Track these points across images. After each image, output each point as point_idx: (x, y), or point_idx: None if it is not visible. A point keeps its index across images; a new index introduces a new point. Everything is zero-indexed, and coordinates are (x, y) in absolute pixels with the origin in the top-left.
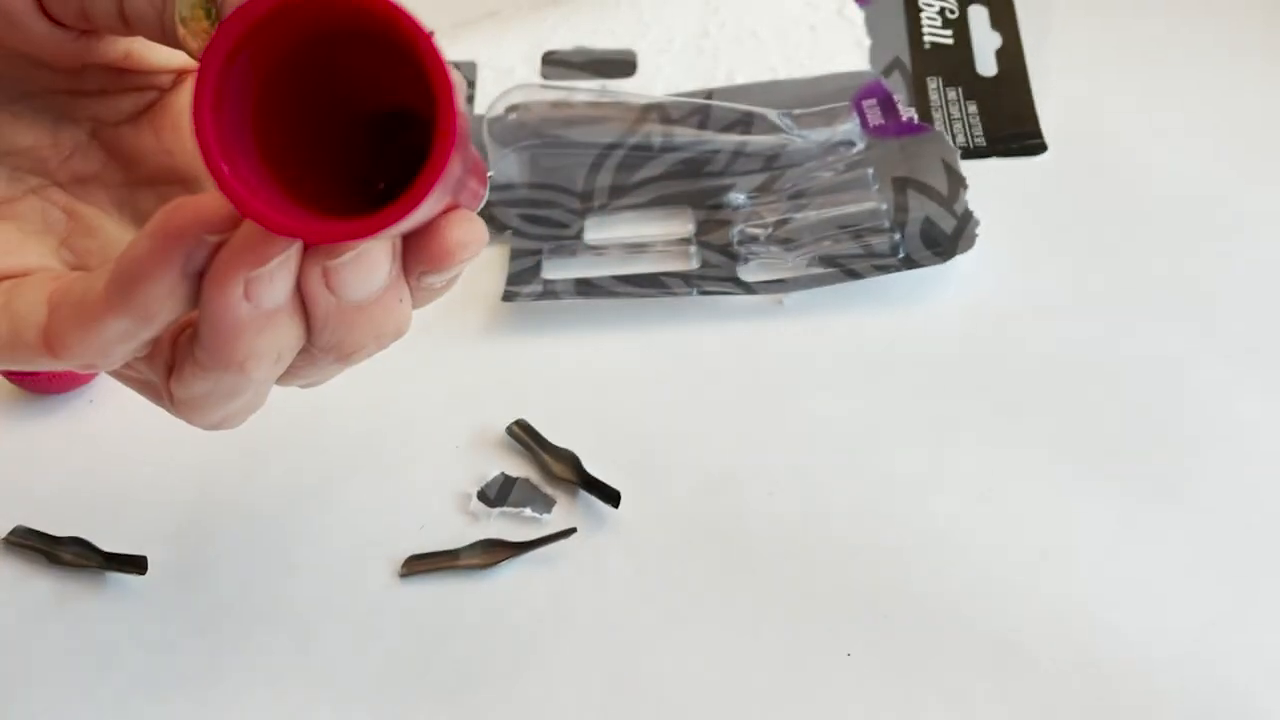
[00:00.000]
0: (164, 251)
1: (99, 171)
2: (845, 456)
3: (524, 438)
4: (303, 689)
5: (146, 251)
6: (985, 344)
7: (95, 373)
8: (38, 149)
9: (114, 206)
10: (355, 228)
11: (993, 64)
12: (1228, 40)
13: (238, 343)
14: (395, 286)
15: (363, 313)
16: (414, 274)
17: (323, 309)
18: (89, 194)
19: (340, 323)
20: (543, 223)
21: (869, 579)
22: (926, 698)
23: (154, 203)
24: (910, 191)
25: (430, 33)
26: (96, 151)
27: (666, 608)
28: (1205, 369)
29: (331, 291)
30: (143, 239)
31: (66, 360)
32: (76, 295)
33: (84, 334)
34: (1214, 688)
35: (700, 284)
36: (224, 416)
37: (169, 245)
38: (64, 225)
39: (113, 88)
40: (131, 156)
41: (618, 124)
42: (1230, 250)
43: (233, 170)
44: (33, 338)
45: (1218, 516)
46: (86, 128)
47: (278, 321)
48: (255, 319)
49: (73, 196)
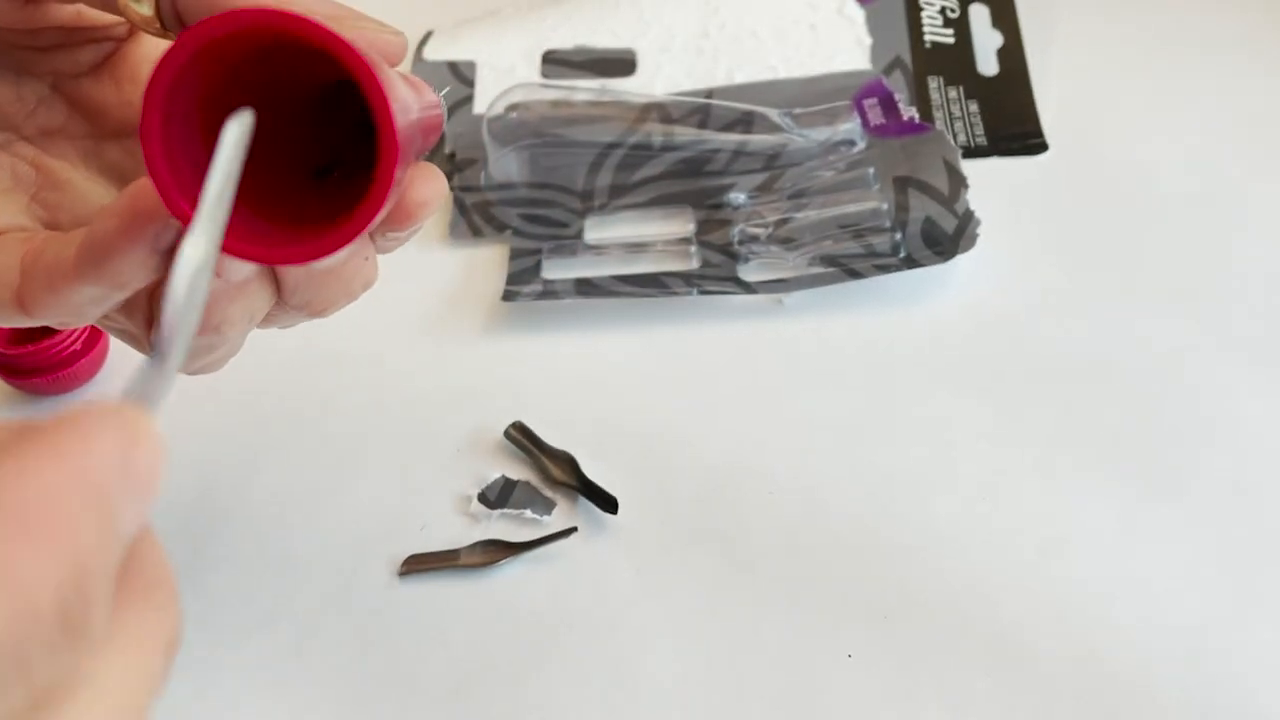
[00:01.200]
0: (133, 230)
1: (64, 124)
2: (845, 456)
3: (522, 440)
4: (303, 689)
5: (116, 229)
6: (986, 343)
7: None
8: (2, 104)
9: (81, 159)
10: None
11: (994, 63)
12: (1228, 39)
13: (211, 313)
14: (362, 248)
15: (331, 275)
16: (378, 234)
17: (292, 278)
18: (56, 147)
19: (310, 286)
20: (543, 222)
21: (869, 578)
22: (927, 697)
23: (120, 155)
24: (911, 191)
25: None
26: (60, 104)
27: (666, 608)
28: (1206, 367)
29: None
30: (112, 217)
31: (40, 319)
32: (49, 260)
33: (55, 297)
34: (1215, 684)
35: (700, 284)
36: (203, 365)
37: (138, 226)
38: (33, 179)
39: (69, 41)
40: (94, 109)
41: (618, 123)
42: (1231, 249)
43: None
44: (7, 298)
45: (1218, 514)
46: (48, 81)
47: (249, 290)
48: (226, 291)
49: (40, 150)
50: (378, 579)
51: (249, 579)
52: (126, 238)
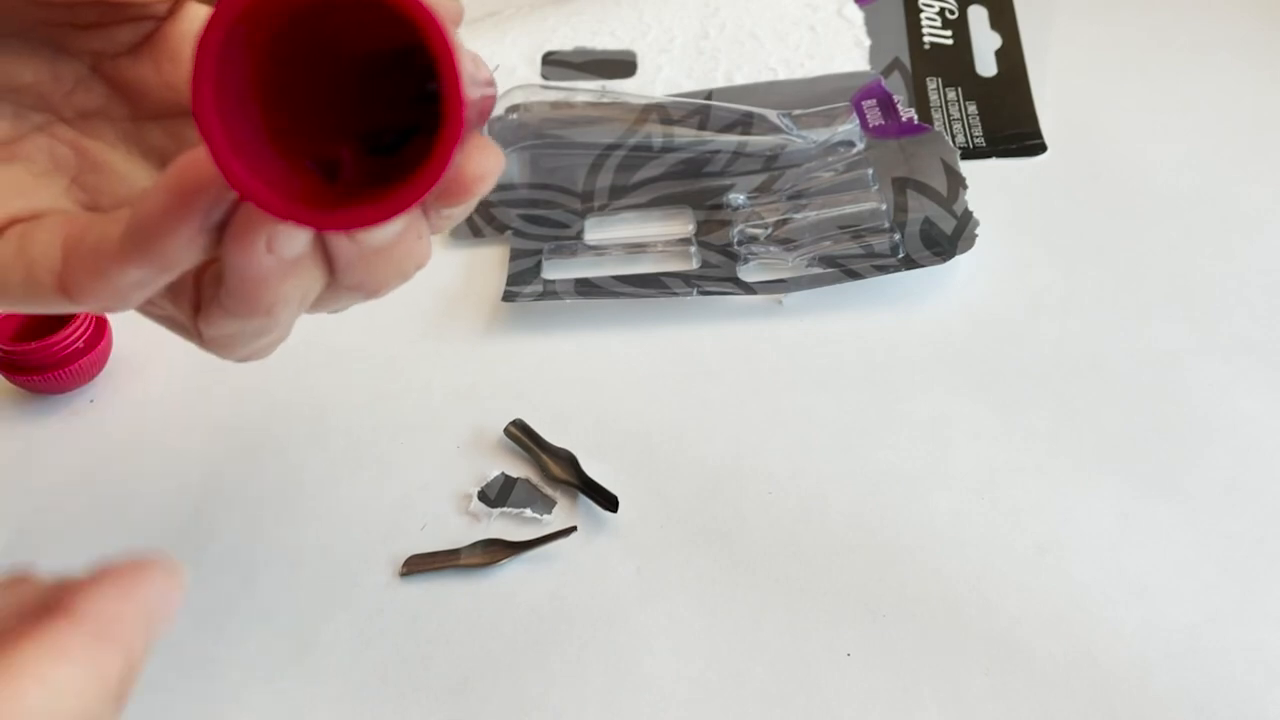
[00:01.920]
0: (182, 207)
1: (103, 106)
2: (845, 456)
3: (521, 438)
4: (303, 688)
5: (163, 206)
6: (984, 343)
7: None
8: (39, 84)
9: (121, 142)
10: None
11: (992, 64)
12: (1227, 40)
13: (263, 292)
14: (415, 225)
15: (384, 254)
16: (432, 210)
17: (345, 256)
18: (95, 129)
19: (363, 265)
20: (543, 223)
21: (868, 578)
22: (925, 695)
23: (161, 137)
24: (910, 191)
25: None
26: (99, 85)
27: (666, 608)
28: (1204, 367)
29: (353, 241)
30: (160, 193)
31: (83, 304)
32: (92, 241)
33: (99, 281)
34: (1212, 684)
35: (700, 284)
36: (252, 351)
37: (186, 202)
38: (73, 162)
39: (108, 19)
40: (134, 90)
41: (618, 124)
42: (1229, 249)
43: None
44: (49, 282)
45: (1216, 513)
46: (86, 61)
47: (301, 268)
48: (279, 268)
49: (79, 133)
50: (378, 579)
51: (249, 579)
52: (175, 215)
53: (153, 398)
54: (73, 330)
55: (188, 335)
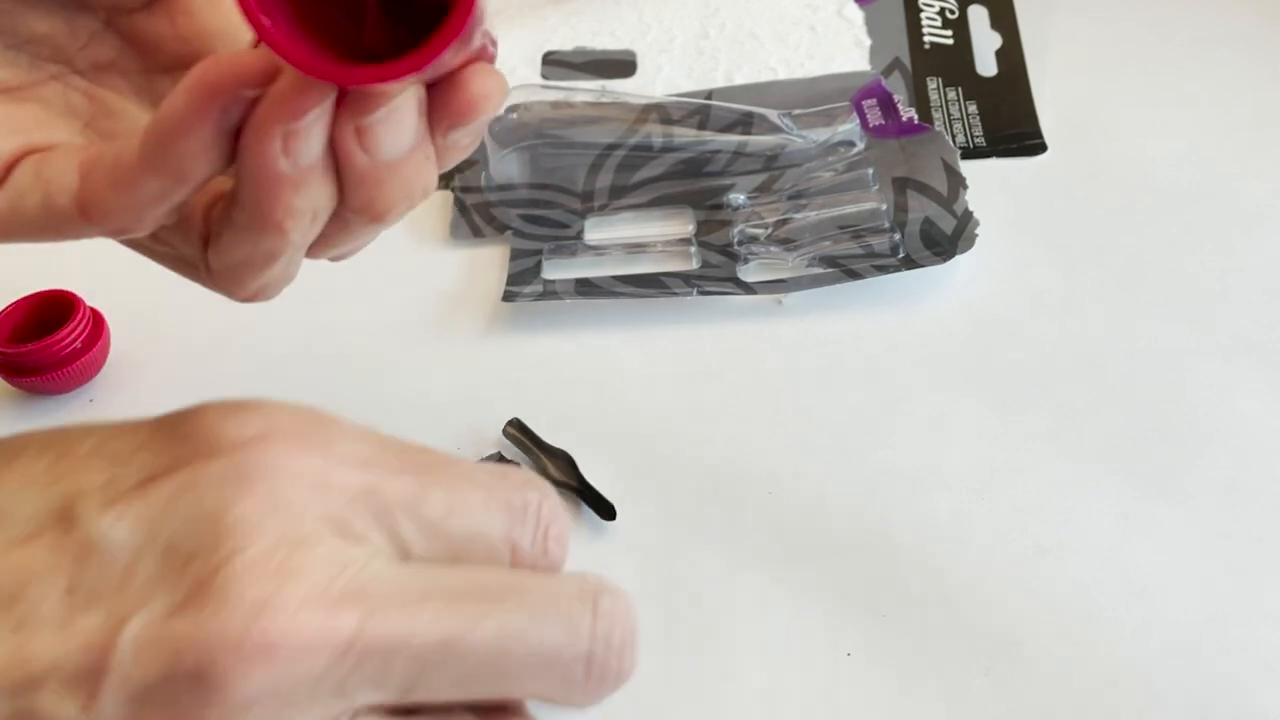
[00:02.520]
0: (200, 106)
1: (116, 59)
2: (845, 456)
3: (520, 438)
4: None
5: (182, 107)
6: (985, 343)
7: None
8: (54, 36)
9: (134, 93)
10: (391, 70)
11: (993, 64)
12: (1227, 39)
13: (277, 199)
14: (423, 144)
15: (393, 170)
16: (440, 130)
17: (356, 167)
18: (108, 81)
19: (373, 181)
20: (543, 223)
21: (868, 578)
22: (926, 695)
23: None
24: (910, 191)
25: None
26: (112, 39)
27: (666, 608)
28: (1205, 366)
29: (364, 149)
30: (178, 95)
31: (100, 224)
32: (109, 160)
33: (118, 195)
34: (1212, 684)
35: (700, 284)
36: (261, 285)
37: (206, 100)
38: (86, 109)
39: None
40: (147, 43)
41: (618, 124)
42: (1229, 248)
43: (273, 23)
44: (66, 203)
45: (1217, 513)
46: (101, 15)
47: (313, 178)
48: (293, 174)
49: (92, 83)
50: None
51: None
52: (195, 113)
53: (152, 397)
54: (70, 331)
55: (195, 274)
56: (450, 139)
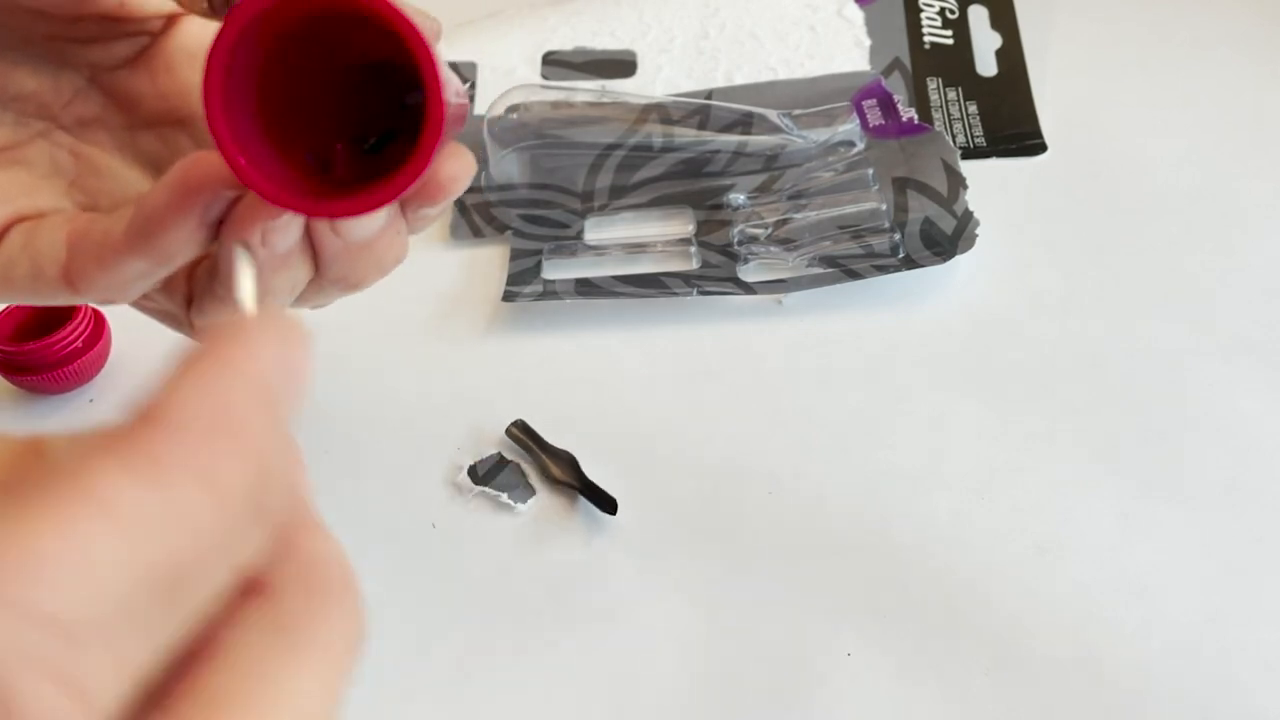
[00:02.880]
0: (184, 203)
1: (100, 115)
2: (845, 456)
3: (523, 438)
4: None
5: (166, 202)
6: (984, 343)
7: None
8: (40, 94)
9: (117, 149)
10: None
11: (993, 64)
12: (1227, 39)
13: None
14: (394, 224)
15: (366, 249)
16: (410, 209)
17: (330, 250)
18: (92, 136)
19: (347, 259)
20: (543, 223)
21: (868, 577)
22: (926, 695)
23: (155, 144)
24: (910, 191)
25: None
26: (96, 95)
27: (666, 608)
28: (1204, 366)
29: (338, 235)
30: (163, 190)
31: (86, 295)
32: (97, 236)
33: (104, 273)
34: (1212, 684)
35: (700, 284)
36: None
37: (189, 198)
38: (72, 167)
39: (107, 34)
40: (130, 100)
41: (618, 124)
42: (1229, 248)
43: (249, 160)
44: (54, 274)
45: (1216, 512)
46: (85, 73)
47: (291, 262)
48: (270, 261)
49: (77, 139)
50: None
51: None
52: (177, 209)
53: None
54: (71, 330)
55: (180, 327)
56: (420, 214)
